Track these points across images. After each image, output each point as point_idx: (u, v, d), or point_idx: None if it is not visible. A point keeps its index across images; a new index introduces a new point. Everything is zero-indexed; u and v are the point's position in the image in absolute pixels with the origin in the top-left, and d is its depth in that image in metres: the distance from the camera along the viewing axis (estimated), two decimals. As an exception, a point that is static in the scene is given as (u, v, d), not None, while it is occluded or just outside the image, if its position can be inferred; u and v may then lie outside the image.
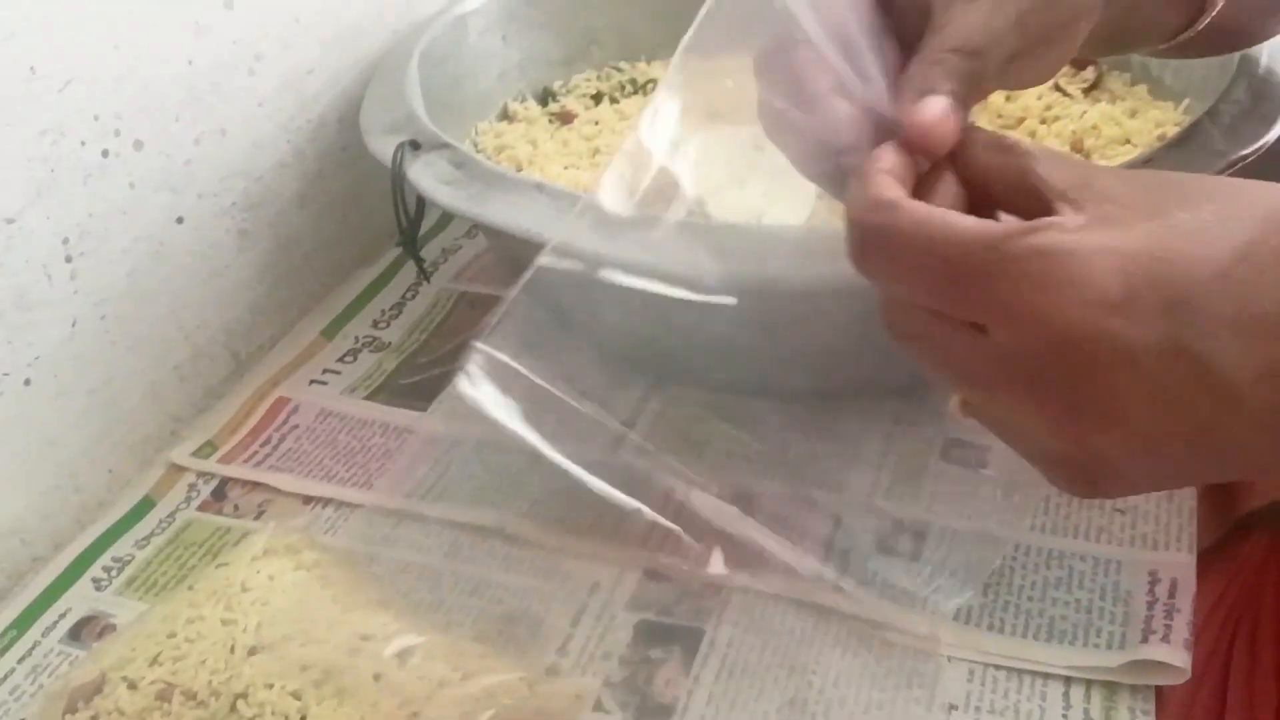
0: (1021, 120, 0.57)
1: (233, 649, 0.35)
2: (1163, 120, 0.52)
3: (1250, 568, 0.51)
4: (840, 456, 0.46)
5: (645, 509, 0.44)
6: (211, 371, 0.52)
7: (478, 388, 0.35)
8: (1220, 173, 0.40)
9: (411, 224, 0.46)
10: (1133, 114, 0.55)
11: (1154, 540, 0.41)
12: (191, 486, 0.48)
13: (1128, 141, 0.52)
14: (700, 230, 0.40)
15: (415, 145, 0.47)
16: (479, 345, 0.35)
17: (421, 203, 0.48)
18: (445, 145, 0.47)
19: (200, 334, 0.52)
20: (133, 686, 0.35)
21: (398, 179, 0.46)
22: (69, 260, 0.44)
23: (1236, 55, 0.47)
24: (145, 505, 0.47)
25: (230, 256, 0.53)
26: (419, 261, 0.50)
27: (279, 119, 0.54)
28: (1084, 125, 0.54)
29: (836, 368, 0.47)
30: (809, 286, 0.39)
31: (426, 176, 0.45)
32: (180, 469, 0.49)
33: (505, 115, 0.63)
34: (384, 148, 0.47)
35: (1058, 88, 0.58)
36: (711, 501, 0.44)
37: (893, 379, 0.49)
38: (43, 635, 0.42)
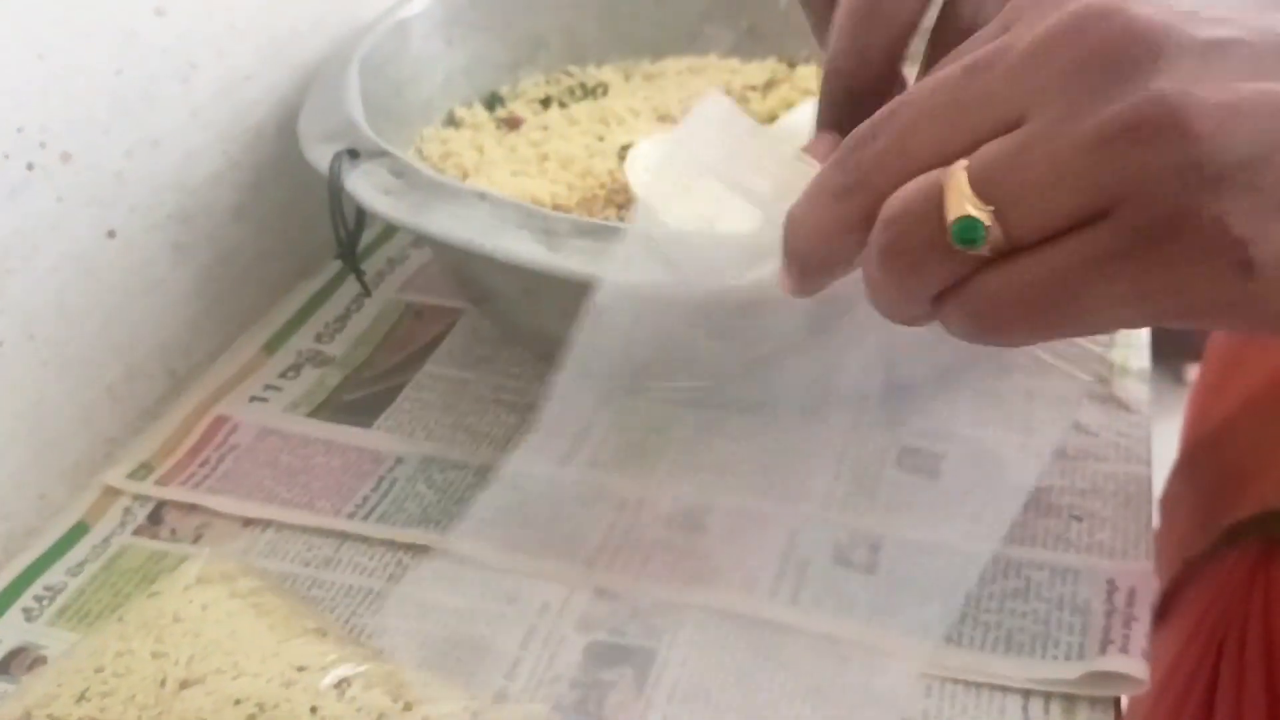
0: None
1: (163, 683, 0.34)
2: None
3: (1236, 581, 0.50)
4: (794, 468, 0.45)
5: (596, 525, 0.43)
6: (147, 391, 0.51)
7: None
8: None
9: (350, 236, 0.45)
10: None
11: (1111, 548, 0.40)
12: (127, 510, 0.46)
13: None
14: (647, 239, 0.39)
15: (354, 154, 0.46)
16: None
17: (361, 214, 0.46)
18: (384, 153, 0.46)
19: (134, 352, 0.50)
20: (57, 725, 0.33)
21: (335, 189, 0.44)
22: (-8, 278, 0.43)
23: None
24: (79, 531, 0.45)
25: (165, 271, 0.51)
26: (359, 274, 0.48)
27: (214, 128, 0.53)
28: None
29: (788, 377, 0.46)
30: (756, 294, 0.38)
31: (365, 186, 0.44)
32: (115, 492, 0.47)
33: (451, 121, 0.62)
34: (321, 156, 0.46)
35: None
36: (664, 516, 0.43)
37: (847, 387, 0.48)
38: (-31, 670, 0.40)
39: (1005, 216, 0.23)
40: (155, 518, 0.46)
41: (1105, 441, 0.45)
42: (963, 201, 0.23)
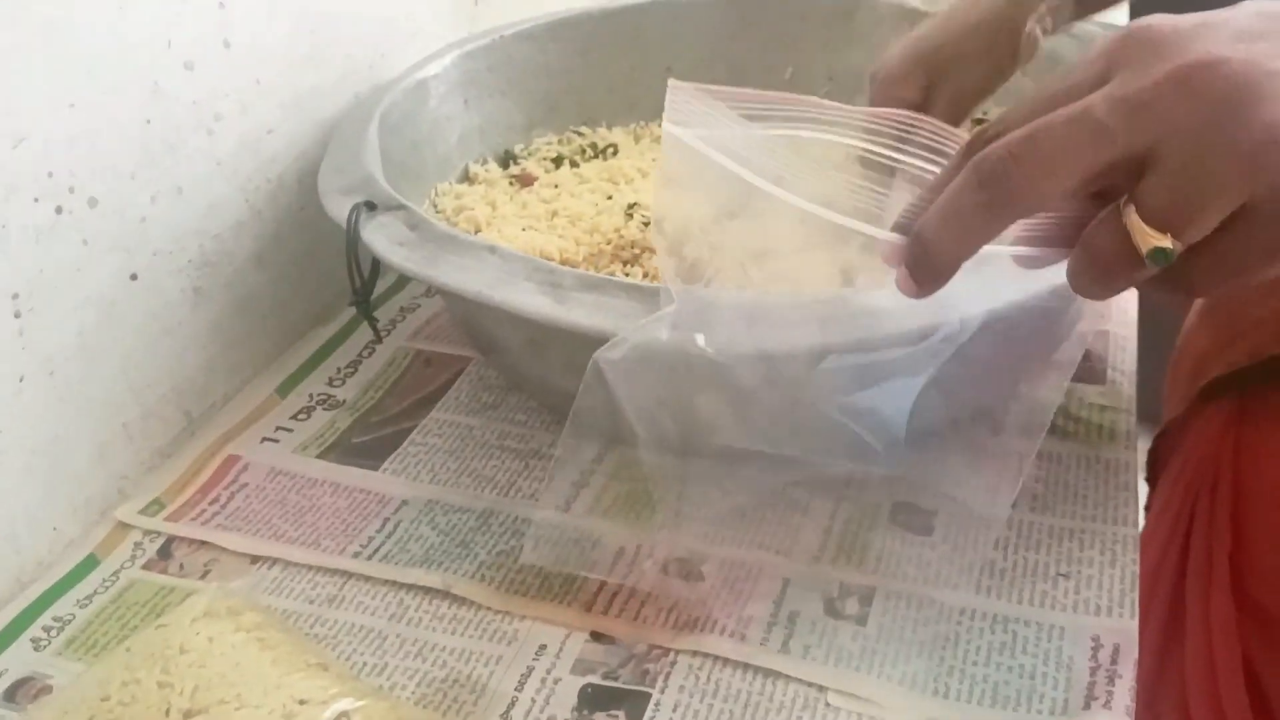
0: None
1: (168, 713, 0.35)
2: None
3: (1210, 436, 0.53)
4: (789, 520, 0.46)
5: (595, 569, 0.44)
6: (161, 430, 0.52)
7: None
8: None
9: (365, 285, 0.47)
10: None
11: (1097, 606, 0.41)
12: (137, 545, 0.47)
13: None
14: (647, 292, 0.41)
15: (371, 206, 0.48)
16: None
17: (376, 263, 0.48)
18: (401, 207, 0.47)
19: (151, 392, 0.51)
20: (63, 751, 0.34)
21: (352, 239, 0.46)
22: (18, 316, 0.44)
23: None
24: (89, 564, 0.47)
25: (184, 315, 0.52)
26: (372, 322, 0.50)
27: (237, 179, 0.55)
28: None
29: (789, 433, 0.47)
30: (755, 352, 0.40)
31: (380, 237, 0.46)
32: (126, 527, 0.48)
33: (466, 177, 0.64)
34: (340, 208, 0.48)
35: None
36: (660, 563, 0.44)
37: (845, 443, 0.49)
38: (-24, 697, 0.41)
39: (1180, 237, 0.30)
40: (165, 552, 0.47)
41: (1093, 501, 0.46)
42: (1148, 238, 0.30)
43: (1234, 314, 0.55)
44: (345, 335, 0.60)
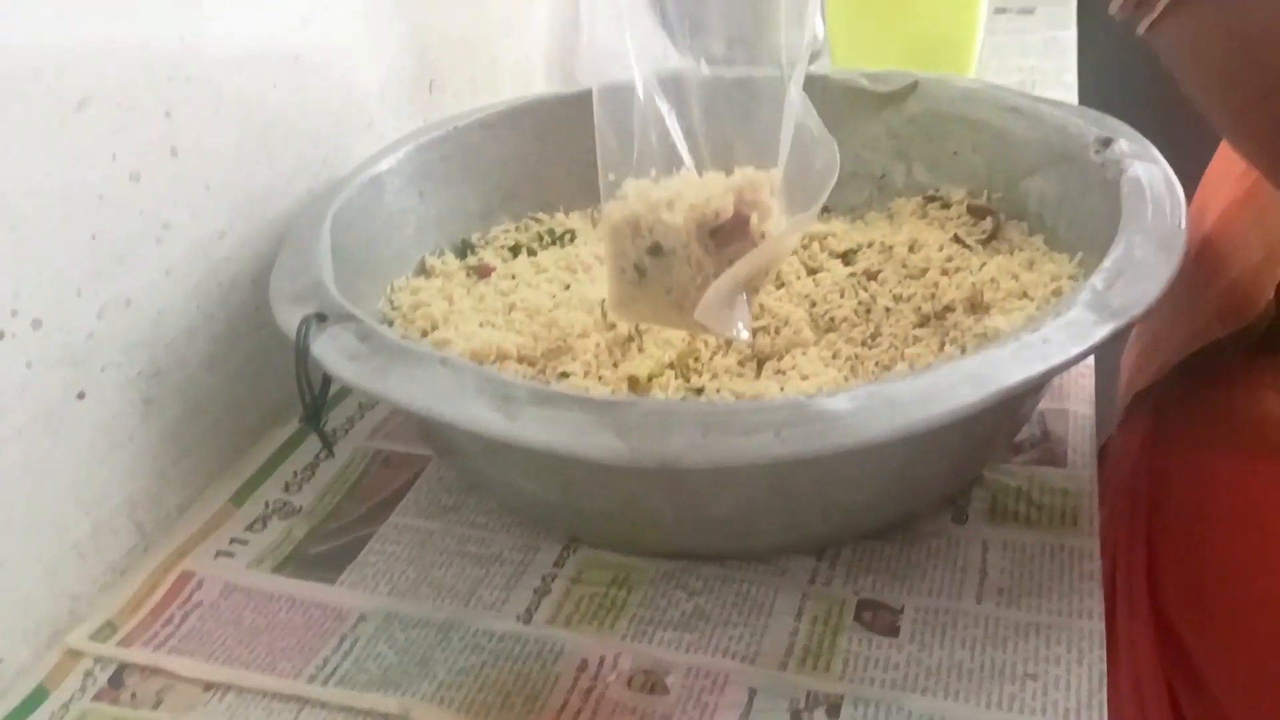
0: (924, 271, 0.58)
1: None
2: (1057, 274, 0.54)
3: (1129, 460, 0.53)
4: (754, 623, 0.45)
5: (557, 686, 0.43)
6: (113, 546, 0.51)
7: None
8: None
9: (315, 400, 0.46)
10: (1030, 265, 0.56)
11: (1065, 709, 0.40)
12: (88, 674, 0.46)
13: (1025, 295, 0.53)
14: (599, 406, 0.40)
15: (321, 317, 0.47)
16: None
17: (328, 376, 0.47)
18: (351, 317, 0.47)
19: (101, 508, 0.50)
20: None
21: (301, 354, 0.45)
22: (-40, 444, 0.43)
23: (1122, 209, 0.49)
24: (38, 696, 0.45)
25: (135, 427, 0.52)
26: (324, 437, 0.49)
27: (188, 284, 0.54)
28: (983, 278, 0.55)
29: (748, 532, 0.47)
30: (711, 463, 0.39)
31: (330, 351, 0.45)
32: (77, 654, 0.47)
33: (423, 270, 0.64)
34: (290, 320, 0.47)
35: (957, 239, 0.60)
36: (625, 675, 0.44)
37: (808, 539, 0.49)
38: (-82, 847, 0.40)
39: None
40: (116, 681, 0.45)
41: (1058, 594, 0.45)
42: None
43: (1155, 332, 0.55)
44: (303, 436, 0.59)
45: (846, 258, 0.62)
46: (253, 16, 0.56)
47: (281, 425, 0.60)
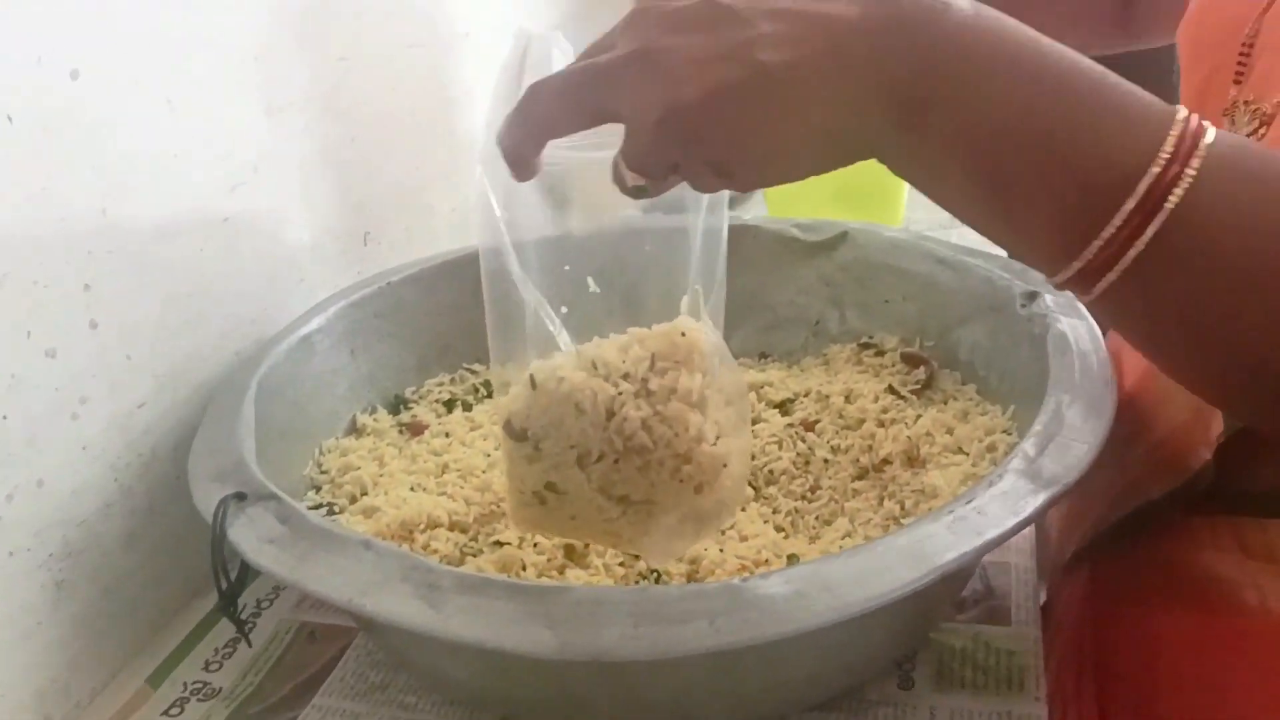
0: (861, 422, 0.58)
1: None
2: (991, 428, 0.54)
3: (1072, 615, 0.51)
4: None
5: None
6: (18, 742, 0.48)
7: None
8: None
9: (232, 586, 0.44)
10: (964, 417, 0.56)
11: None
12: None
13: (960, 450, 0.53)
14: (528, 594, 0.39)
15: (240, 496, 0.45)
16: None
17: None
18: (273, 496, 0.45)
19: (5, 703, 0.47)
20: None
21: (218, 539, 0.44)
22: None
23: (1049, 366, 0.49)
24: None
25: (44, 614, 0.49)
26: (239, 624, 0.47)
27: (105, 459, 0.52)
28: (918, 431, 0.55)
29: (688, 716, 0.45)
30: (645, 655, 0.38)
31: (249, 537, 0.43)
32: None
33: (354, 428, 0.62)
34: (208, 501, 0.45)
35: (892, 390, 0.60)
36: None
37: (751, 717, 0.47)
38: None
39: (650, 177, 0.41)
40: None
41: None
42: (625, 178, 0.42)
43: (1083, 489, 0.55)
44: (226, 609, 0.57)
45: (784, 407, 0.61)
46: (177, 186, 0.56)
47: (203, 598, 0.58)
